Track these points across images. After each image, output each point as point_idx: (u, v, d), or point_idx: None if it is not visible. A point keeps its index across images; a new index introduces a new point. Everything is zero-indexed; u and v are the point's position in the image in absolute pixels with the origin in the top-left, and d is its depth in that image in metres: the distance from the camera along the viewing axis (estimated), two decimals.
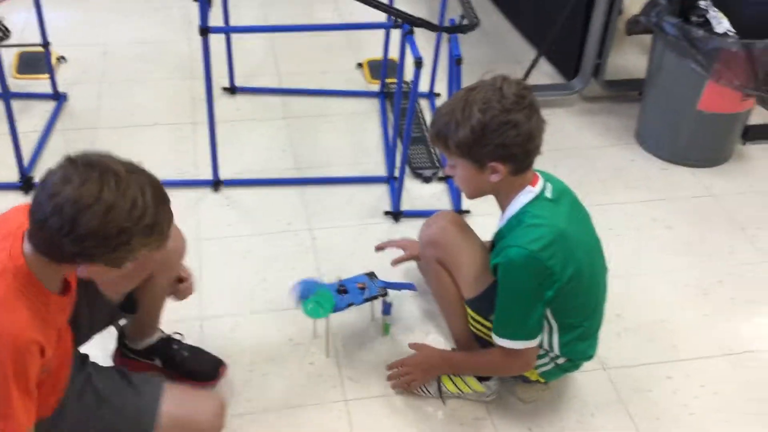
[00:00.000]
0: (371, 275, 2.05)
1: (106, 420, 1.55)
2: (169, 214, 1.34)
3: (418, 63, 2.14)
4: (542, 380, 1.84)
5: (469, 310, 1.78)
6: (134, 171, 1.29)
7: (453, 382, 1.88)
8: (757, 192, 2.68)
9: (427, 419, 1.86)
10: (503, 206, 1.70)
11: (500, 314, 1.68)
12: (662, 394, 1.96)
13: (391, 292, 2.04)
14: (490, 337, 1.72)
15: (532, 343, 1.67)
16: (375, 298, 2.00)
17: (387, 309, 2.04)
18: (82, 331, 1.67)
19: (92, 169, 1.23)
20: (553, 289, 1.61)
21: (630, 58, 3.41)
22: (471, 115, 1.53)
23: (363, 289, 2.00)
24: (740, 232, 2.50)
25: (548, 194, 1.66)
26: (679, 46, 2.55)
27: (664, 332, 2.13)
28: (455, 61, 2.23)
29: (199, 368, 1.87)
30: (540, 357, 1.75)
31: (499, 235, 1.71)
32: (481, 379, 1.87)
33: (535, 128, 1.57)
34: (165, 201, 1.33)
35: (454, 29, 2.24)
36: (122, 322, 1.85)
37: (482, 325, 1.76)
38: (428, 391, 1.89)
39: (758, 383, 2.00)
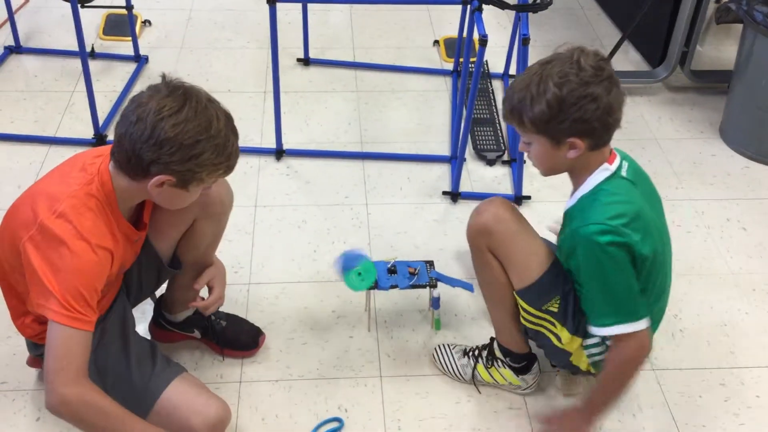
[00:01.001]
0: (429, 264, 1.99)
1: (116, 381, 1.60)
2: (237, 148, 1.46)
3: (483, 41, 2.08)
4: (592, 370, 1.75)
5: (520, 301, 1.70)
6: (213, 101, 1.44)
7: (489, 373, 1.85)
8: None
9: (458, 403, 1.84)
10: (577, 184, 1.61)
11: (598, 300, 1.57)
12: (712, 401, 1.86)
13: (445, 287, 1.99)
14: (542, 327, 1.67)
15: (644, 322, 1.56)
16: (422, 286, 1.94)
17: (435, 303, 1.97)
18: (132, 286, 1.73)
19: (177, 89, 1.40)
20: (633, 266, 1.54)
21: (720, 48, 3.23)
22: (546, 90, 1.46)
23: (413, 274, 1.95)
24: None
25: (624, 173, 1.58)
26: None
27: (723, 337, 2.02)
28: (522, 41, 2.16)
29: (239, 338, 1.90)
30: (594, 345, 1.68)
31: (569, 216, 1.62)
32: (519, 372, 1.83)
33: (615, 101, 1.48)
34: (235, 132, 1.46)
35: (524, 8, 2.17)
36: (161, 292, 1.88)
37: (534, 316, 1.70)
38: (462, 377, 1.87)
39: None
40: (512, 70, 2.96)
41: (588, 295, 1.59)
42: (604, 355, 1.69)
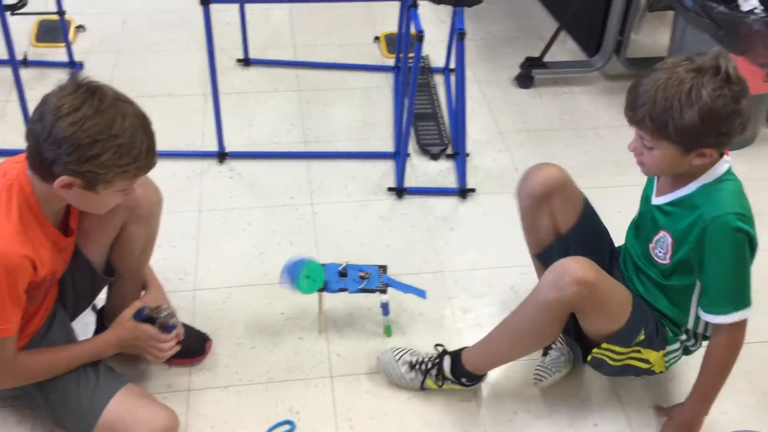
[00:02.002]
0: (382, 268, 1.97)
1: (61, 396, 1.58)
2: (148, 149, 1.40)
3: (420, 37, 2.10)
4: (665, 371, 1.78)
5: (610, 347, 1.68)
6: (123, 100, 1.39)
7: (438, 386, 1.82)
8: None
9: (409, 399, 1.84)
10: (685, 179, 1.59)
11: (722, 287, 1.57)
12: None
13: (397, 293, 1.96)
14: (631, 359, 1.69)
15: (751, 311, 1.59)
16: (372, 291, 1.92)
17: (385, 309, 1.95)
18: (68, 296, 1.70)
19: (82, 87, 1.35)
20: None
21: (654, 36, 3.30)
22: (699, 100, 1.42)
23: (364, 278, 1.93)
24: (756, 218, 2.40)
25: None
26: (700, 22, 2.45)
27: None
28: (458, 36, 2.17)
29: (185, 344, 1.85)
30: (675, 351, 1.73)
31: (686, 203, 1.59)
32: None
33: (749, 113, 1.50)
34: (147, 133, 1.41)
35: (459, 2, 2.18)
36: (101, 304, 1.86)
37: (623, 354, 1.69)
38: (411, 388, 1.85)
39: None
40: (452, 65, 2.97)
41: (711, 283, 1.58)
42: (680, 352, 1.74)
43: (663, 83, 1.45)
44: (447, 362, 1.81)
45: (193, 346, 1.88)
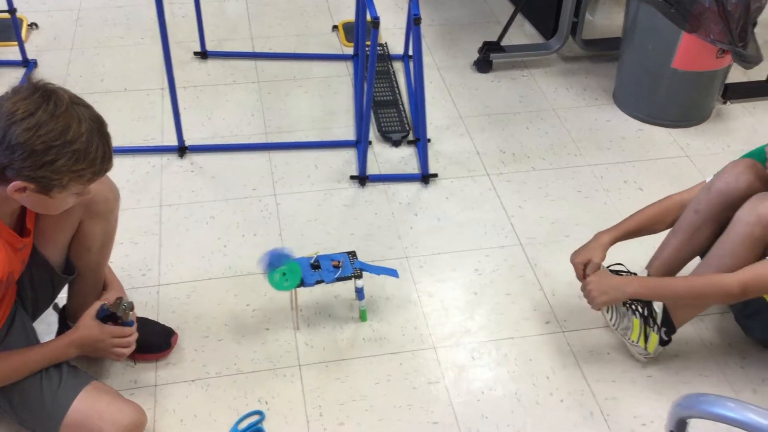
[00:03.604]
0: (352, 254, 1.99)
1: (25, 397, 1.56)
2: (104, 153, 1.38)
3: (375, 23, 2.09)
4: None
5: None
6: (79, 104, 1.36)
7: (644, 332, 1.84)
8: (733, 151, 2.63)
9: (378, 383, 1.86)
10: None
11: None
12: (619, 357, 1.94)
13: (377, 278, 1.98)
14: None
15: None
16: (347, 278, 1.93)
17: (360, 294, 1.96)
18: (27, 297, 1.68)
19: (37, 90, 1.32)
20: None
21: (610, 17, 3.34)
22: None
23: (337, 267, 1.94)
24: None
25: None
26: (652, 1, 2.48)
27: None
28: (414, 21, 2.18)
29: (149, 340, 1.85)
30: None
31: None
32: (664, 343, 1.86)
33: None
34: (103, 136, 1.38)
35: None
36: (63, 302, 1.84)
37: None
38: (616, 324, 1.85)
39: None
40: (412, 51, 2.98)
41: None
42: None
43: None
44: (662, 310, 1.85)
45: (158, 341, 1.87)
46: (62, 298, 1.82)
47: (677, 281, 1.79)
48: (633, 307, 1.86)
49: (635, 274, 1.93)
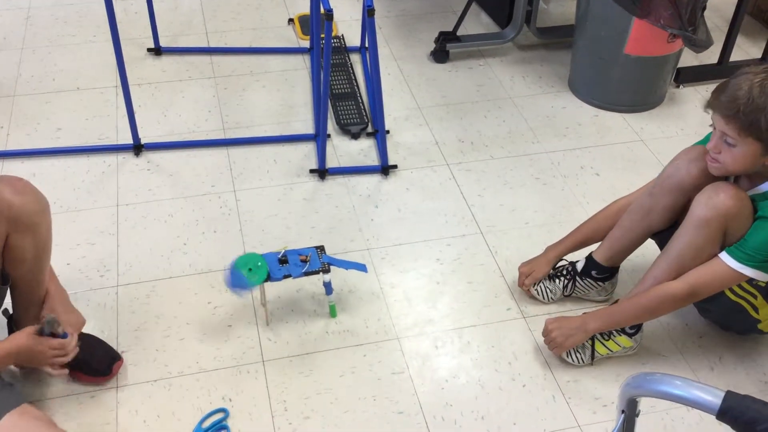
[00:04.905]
0: (320, 249, 1.98)
1: None
2: None
3: (329, 16, 2.09)
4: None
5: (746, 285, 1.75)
6: None
7: (605, 345, 1.88)
8: (687, 135, 2.68)
9: (342, 376, 1.86)
10: (757, 179, 1.70)
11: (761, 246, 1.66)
12: None
13: (339, 270, 1.97)
14: (744, 300, 1.76)
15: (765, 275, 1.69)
16: (315, 272, 1.92)
17: (328, 288, 1.96)
18: None
19: None
20: None
21: (564, 4, 3.37)
22: None
23: (305, 262, 1.93)
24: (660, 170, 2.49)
25: None
26: None
27: None
28: (367, 13, 2.18)
29: (91, 361, 1.78)
30: None
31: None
32: (630, 335, 1.88)
33: None
34: None
35: None
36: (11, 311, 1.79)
37: (742, 289, 1.76)
38: (582, 359, 1.89)
39: None
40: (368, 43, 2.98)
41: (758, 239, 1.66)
42: None
43: (759, 82, 1.56)
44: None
45: (99, 367, 1.79)
46: (9, 304, 1.78)
47: (627, 305, 1.82)
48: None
49: (575, 263, 2.01)
